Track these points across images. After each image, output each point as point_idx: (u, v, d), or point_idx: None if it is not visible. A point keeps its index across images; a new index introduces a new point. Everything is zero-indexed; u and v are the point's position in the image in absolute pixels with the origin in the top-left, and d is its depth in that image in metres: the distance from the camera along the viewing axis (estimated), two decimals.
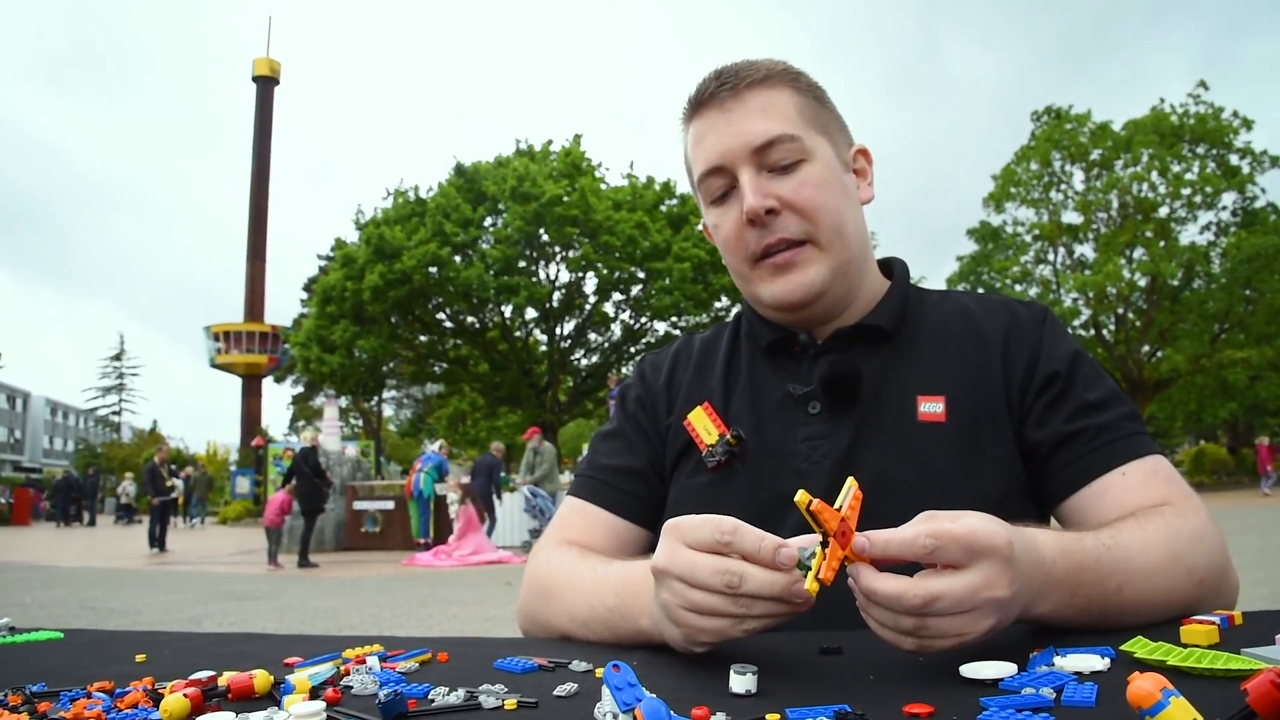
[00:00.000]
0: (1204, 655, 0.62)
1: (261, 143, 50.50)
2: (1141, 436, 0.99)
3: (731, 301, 25.30)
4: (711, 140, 1.06)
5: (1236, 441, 32.89)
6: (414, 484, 13.83)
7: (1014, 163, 28.77)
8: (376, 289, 23.18)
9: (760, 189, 1.03)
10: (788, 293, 1.06)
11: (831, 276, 1.06)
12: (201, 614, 6.99)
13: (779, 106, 1.05)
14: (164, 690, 0.70)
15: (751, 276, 1.09)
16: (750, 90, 1.05)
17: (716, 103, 1.06)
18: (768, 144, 1.03)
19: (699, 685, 0.68)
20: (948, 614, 0.66)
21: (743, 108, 1.05)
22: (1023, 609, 0.73)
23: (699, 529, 0.73)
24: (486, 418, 31.92)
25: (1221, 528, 0.93)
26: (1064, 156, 27.79)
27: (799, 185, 1.03)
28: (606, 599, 0.91)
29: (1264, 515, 13.11)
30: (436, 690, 0.67)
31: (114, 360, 69.02)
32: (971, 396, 1.03)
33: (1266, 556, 7.70)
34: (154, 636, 1.04)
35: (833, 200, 1.05)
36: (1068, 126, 27.60)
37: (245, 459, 31.00)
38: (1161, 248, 25.79)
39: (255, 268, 48.99)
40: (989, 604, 0.67)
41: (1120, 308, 27.43)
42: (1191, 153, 26.56)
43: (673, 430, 1.15)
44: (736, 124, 1.04)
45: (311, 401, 44.47)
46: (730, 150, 1.04)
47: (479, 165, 25.35)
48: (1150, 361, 27.31)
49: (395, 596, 8.05)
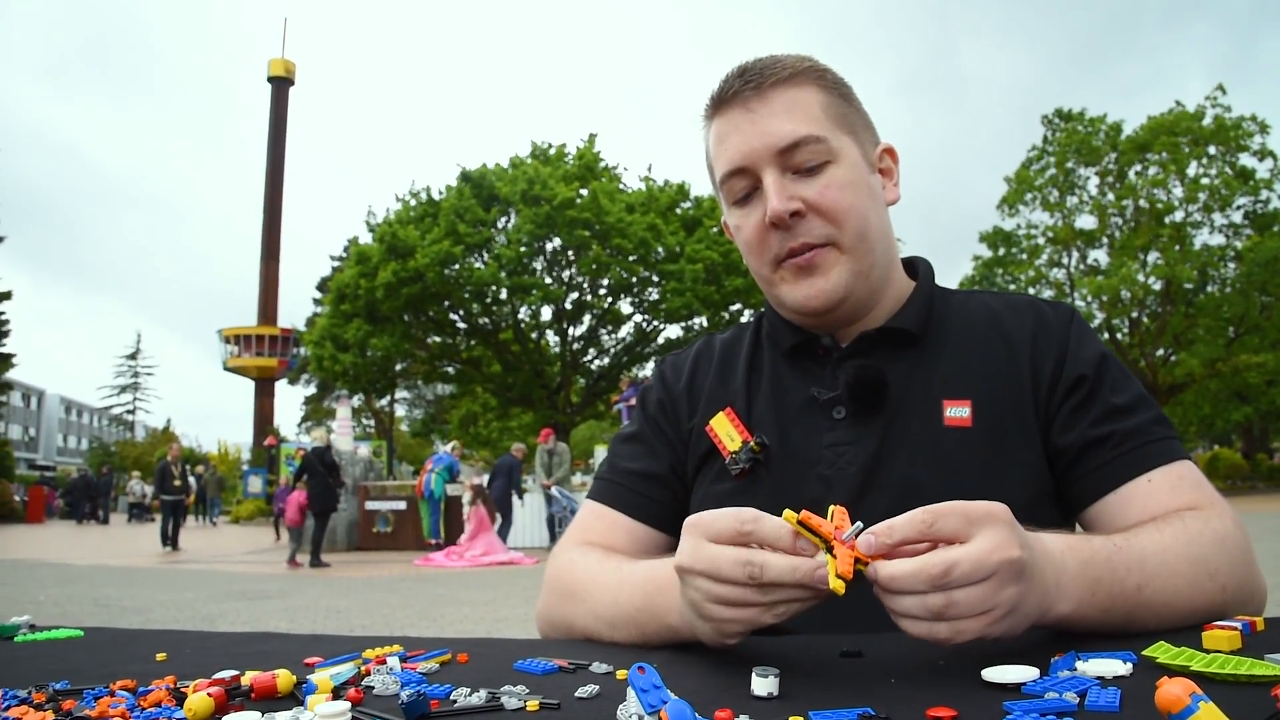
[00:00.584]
0: (1227, 661, 0.61)
1: (276, 143, 50.76)
2: (1169, 441, 0.98)
3: (744, 305, 25.28)
4: (735, 140, 1.04)
5: (1251, 446, 32.61)
6: (425, 484, 13.88)
7: (1026, 166, 28.64)
8: (390, 286, 23.28)
9: (784, 191, 1.01)
10: (810, 297, 1.04)
11: (855, 280, 1.04)
12: (214, 613, 7.04)
13: (804, 106, 1.03)
14: (187, 689, 0.70)
15: (774, 279, 1.07)
16: (775, 89, 1.03)
17: (740, 101, 1.04)
18: (793, 145, 1.01)
19: (721, 687, 0.68)
20: (969, 582, 0.66)
21: (767, 107, 1.02)
22: (1044, 606, 0.73)
23: (719, 521, 0.73)
24: (499, 419, 31.98)
25: (1248, 533, 0.91)
26: (1078, 161, 27.62)
27: (824, 188, 1.01)
28: (634, 598, 0.90)
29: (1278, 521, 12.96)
30: (458, 691, 0.67)
31: (129, 359, 69.61)
32: (998, 400, 1.02)
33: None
34: (173, 635, 1.04)
35: (858, 203, 1.03)
36: (1080, 129, 27.43)
37: (258, 458, 31.18)
38: (1177, 251, 25.59)
39: (269, 267, 49.26)
40: (1005, 566, 0.67)
41: (1135, 311, 27.24)
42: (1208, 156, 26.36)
43: (695, 435, 1.13)
44: (761, 124, 1.02)
45: (324, 402, 44.65)
46: (754, 151, 1.02)
47: (485, 170, 25.40)
48: (1164, 366, 27.10)
49: (407, 597, 8.08)
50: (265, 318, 48.05)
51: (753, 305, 25.15)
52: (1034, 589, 0.70)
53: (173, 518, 15.52)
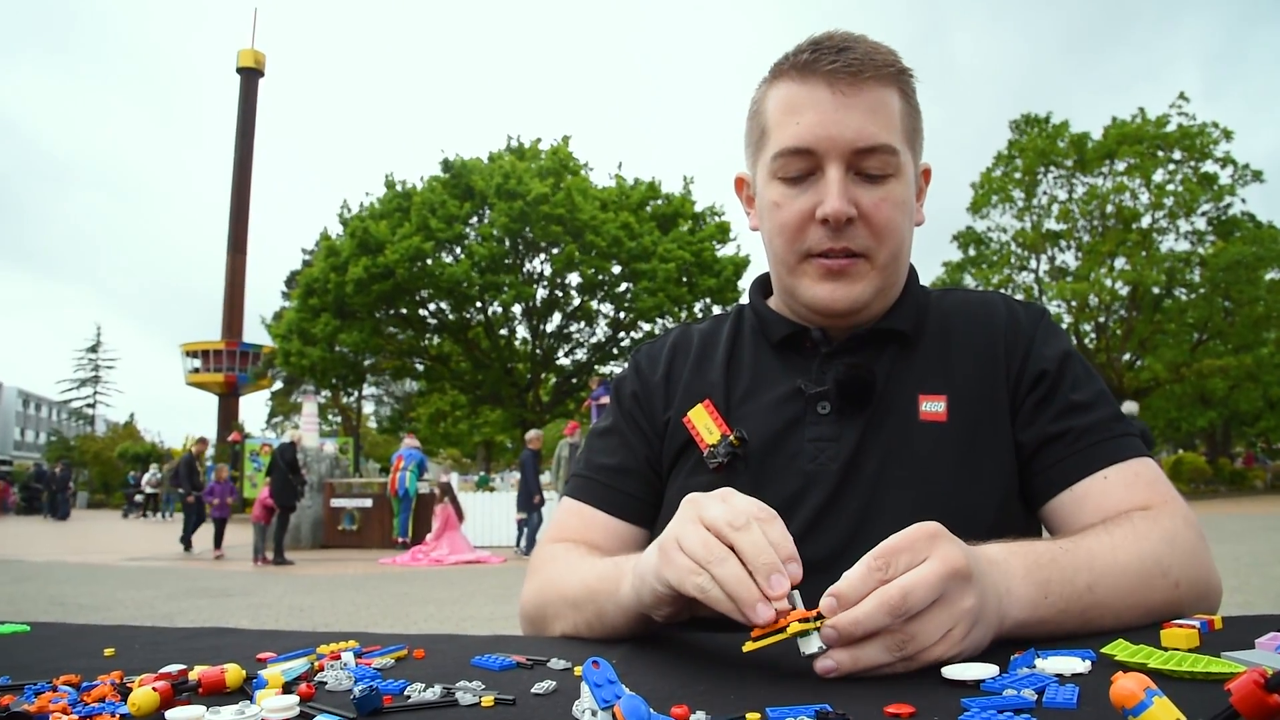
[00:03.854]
0: (1185, 658, 0.62)
1: (245, 135, 49.90)
2: (1126, 439, 0.99)
3: (716, 302, 25.35)
4: (811, 118, 0.98)
5: (1215, 451, 33.34)
6: (399, 482, 13.67)
7: (991, 171, 29.01)
8: (360, 282, 23.05)
9: (846, 194, 0.97)
10: (833, 301, 1.02)
11: (876, 296, 1.03)
12: (174, 610, 6.91)
13: (889, 111, 0.99)
14: (132, 684, 0.68)
15: (798, 270, 1.04)
16: (870, 83, 0.98)
17: (829, 79, 0.97)
18: (869, 150, 0.97)
19: (679, 683, 0.68)
20: (927, 605, 0.65)
21: (859, 98, 0.97)
22: (1000, 613, 0.73)
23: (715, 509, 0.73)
24: (467, 417, 31.78)
25: (1203, 531, 0.92)
26: (1045, 165, 28.03)
27: (881, 201, 0.99)
28: (597, 568, 0.92)
29: (1240, 524, 13.30)
30: (412, 686, 0.66)
31: (90, 352, 68.09)
32: (973, 396, 1.02)
33: (1242, 565, 7.81)
34: (124, 631, 1.01)
35: (904, 223, 1.02)
36: (1047, 133, 27.82)
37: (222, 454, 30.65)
38: (1143, 257, 26.02)
39: (236, 260, 48.45)
40: (955, 577, 0.66)
41: (1101, 316, 27.66)
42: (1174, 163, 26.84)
43: (671, 426, 1.12)
44: (845, 114, 0.97)
45: (292, 397, 44.01)
46: (830, 139, 0.97)
47: (467, 161, 25.24)
48: (1130, 370, 27.53)
49: (372, 595, 8.00)
50: (231, 313, 47.14)
51: (725, 304, 25.24)
52: (987, 595, 0.70)
53: (195, 517, 14.31)
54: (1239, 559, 8.27)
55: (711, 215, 26.77)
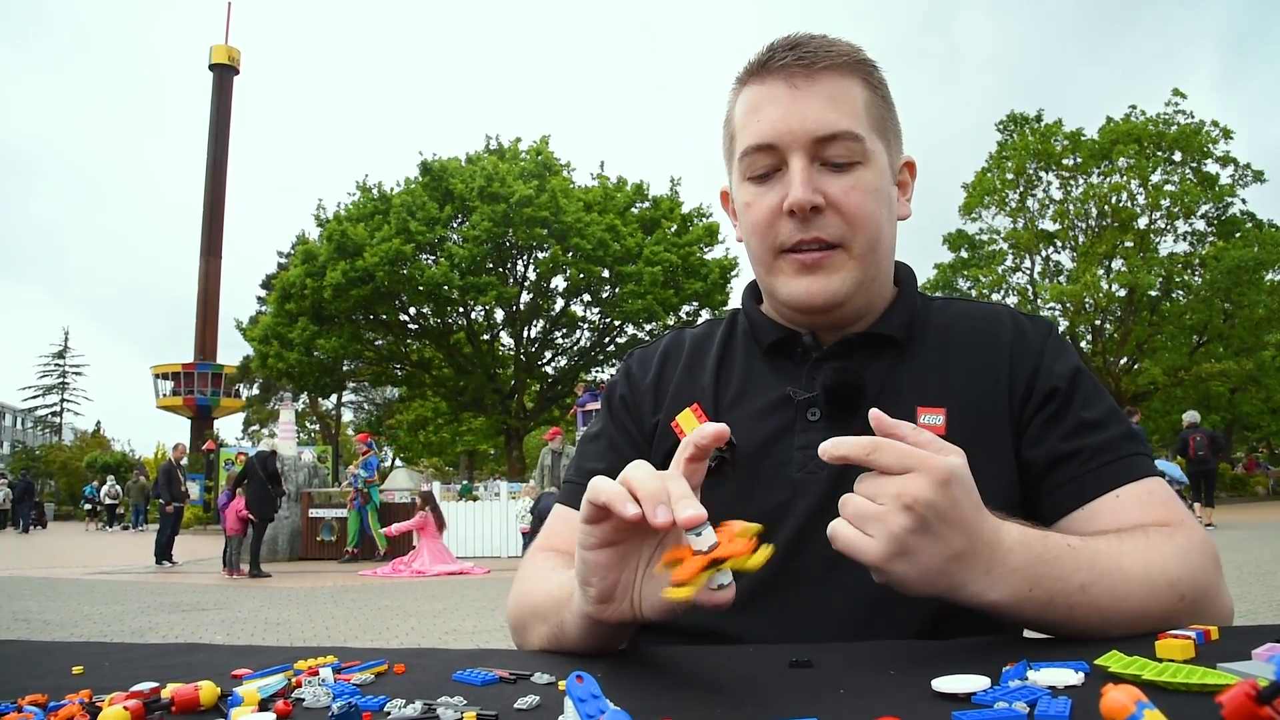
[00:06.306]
0: (1179, 670, 0.62)
1: (219, 135, 49.40)
2: (1138, 458, 0.97)
3: (704, 306, 25.37)
4: (770, 114, 0.99)
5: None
6: (369, 495, 13.55)
7: (984, 172, 28.76)
8: (338, 287, 22.85)
9: (810, 182, 0.97)
10: (809, 295, 1.01)
11: (856, 288, 1.02)
12: (145, 626, 6.80)
13: (849, 99, 0.99)
14: (102, 703, 0.66)
15: (774, 267, 1.03)
16: (826, 73, 0.99)
17: (785, 75, 0.99)
18: (830, 137, 0.97)
19: (664, 697, 0.67)
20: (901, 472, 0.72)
21: (813, 89, 0.98)
22: (961, 582, 0.75)
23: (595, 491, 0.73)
24: (449, 424, 31.56)
25: (1219, 556, 0.90)
26: (1039, 164, 27.64)
27: (850, 188, 0.98)
28: (562, 577, 0.90)
29: (1240, 532, 13.08)
30: (393, 703, 0.65)
31: (56, 358, 67.04)
32: (973, 410, 1.01)
33: (1245, 573, 7.78)
34: (93, 647, 0.99)
35: (878, 211, 1.01)
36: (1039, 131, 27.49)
37: (196, 464, 30.23)
38: (1141, 259, 25.70)
39: (210, 264, 47.97)
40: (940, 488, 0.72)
41: (1098, 319, 27.25)
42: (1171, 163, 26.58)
43: (659, 430, 1.11)
44: (803, 105, 0.98)
45: (269, 404, 43.54)
46: (790, 132, 0.98)
47: (446, 163, 25.09)
48: (1128, 373, 27.18)
49: (351, 609, 7.92)
50: (205, 316, 46.57)
51: (712, 308, 25.29)
52: (942, 552, 0.73)
53: (172, 528, 13.82)
54: (1241, 567, 8.22)
55: (699, 217, 26.73)
